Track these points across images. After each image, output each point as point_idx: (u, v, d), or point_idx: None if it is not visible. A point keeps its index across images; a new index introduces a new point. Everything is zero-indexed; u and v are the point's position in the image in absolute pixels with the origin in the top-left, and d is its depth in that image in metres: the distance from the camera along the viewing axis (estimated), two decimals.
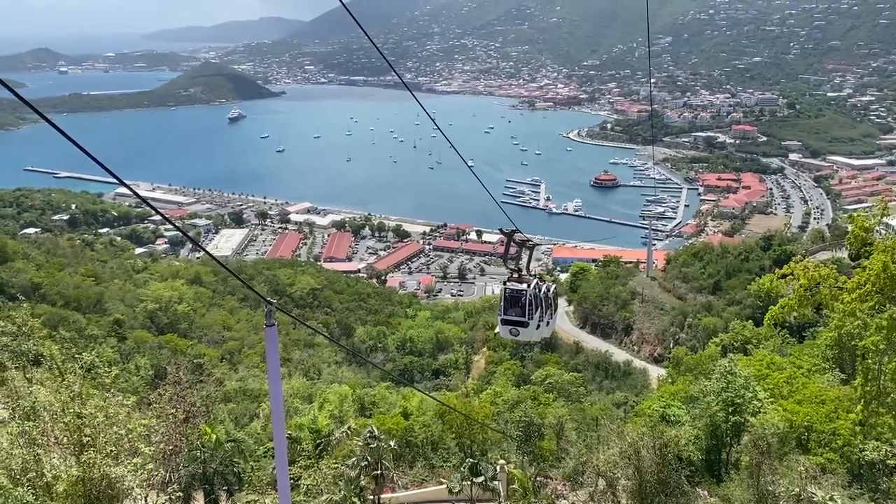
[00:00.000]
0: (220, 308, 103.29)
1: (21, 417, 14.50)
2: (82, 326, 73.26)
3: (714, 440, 32.15)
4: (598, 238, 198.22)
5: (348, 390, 54.35)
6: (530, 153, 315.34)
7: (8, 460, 13.64)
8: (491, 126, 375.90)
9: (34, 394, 14.87)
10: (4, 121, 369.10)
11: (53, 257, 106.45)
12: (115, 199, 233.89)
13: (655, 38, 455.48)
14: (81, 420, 14.33)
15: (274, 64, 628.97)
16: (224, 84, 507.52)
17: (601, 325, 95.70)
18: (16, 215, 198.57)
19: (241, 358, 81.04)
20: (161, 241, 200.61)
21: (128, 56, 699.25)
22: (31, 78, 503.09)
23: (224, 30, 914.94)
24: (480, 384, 70.08)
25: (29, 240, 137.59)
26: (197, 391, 26.78)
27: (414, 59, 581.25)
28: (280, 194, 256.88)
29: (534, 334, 25.11)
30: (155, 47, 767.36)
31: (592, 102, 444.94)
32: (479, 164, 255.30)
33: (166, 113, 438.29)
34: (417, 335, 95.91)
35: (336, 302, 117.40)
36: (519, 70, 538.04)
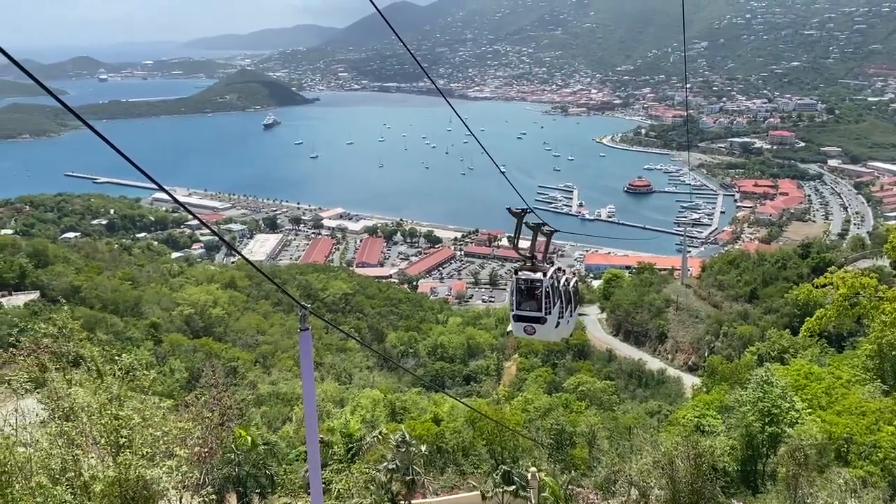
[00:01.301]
0: (254, 312, 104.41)
1: (60, 418, 14.80)
2: (120, 329, 74.69)
3: (750, 451, 31.55)
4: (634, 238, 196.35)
5: (380, 395, 54.51)
6: (563, 159, 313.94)
7: (48, 460, 13.92)
8: (523, 132, 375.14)
9: (73, 395, 15.14)
10: (47, 127, 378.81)
11: (92, 261, 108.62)
12: (153, 204, 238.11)
13: (691, 43, 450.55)
14: (119, 422, 14.57)
15: (308, 71, 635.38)
16: (259, 91, 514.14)
17: (635, 333, 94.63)
18: (57, 220, 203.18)
19: (275, 361, 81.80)
20: (197, 245, 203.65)
21: (166, 64, 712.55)
22: (73, 85, 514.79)
23: (260, 37, 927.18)
24: (511, 391, 69.67)
25: (69, 244, 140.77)
26: (231, 394, 27.06)
27: (446, 65, 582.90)
28: (313, 200, 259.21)
29: (552, 332, 22.37)
30: (192, 55, 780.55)
31: (626, 108, 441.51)
32: (511, 170, 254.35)
33: (203, 119, 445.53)
34: (448, 341, 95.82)
35: (368, 307, 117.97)
36: (552, 75, 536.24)
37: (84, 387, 15.50)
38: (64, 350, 17.16)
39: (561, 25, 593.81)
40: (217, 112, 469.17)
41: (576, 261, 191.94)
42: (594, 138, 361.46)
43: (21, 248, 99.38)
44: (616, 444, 39.11)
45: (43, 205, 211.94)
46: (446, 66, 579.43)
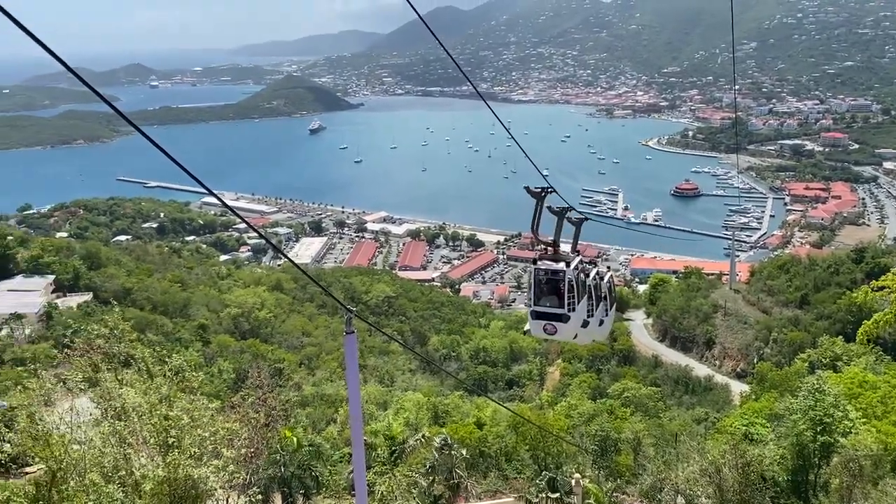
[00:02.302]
0: (300, 314, 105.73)
1: (112, 417, 15.17)
2: (169, 330, 76.38)
3: (801, 461, 30.68)
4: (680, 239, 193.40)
5: (422, 398, 54.61)
6: (608, 162, 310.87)
7: (100, 458, 14.30)
8: (567, 135, 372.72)
9: (124, 395, 15.51)
10: (100, 133, 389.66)
11: (143, 263, 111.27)
12: (202, 207, 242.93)
13: (739, 44, 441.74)
14: (168, 422, 14.88)
15: (353, 76, 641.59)
16: (305, 96, 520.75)
17: (681, 339, 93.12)
18: (109, 223, 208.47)
19: (319, 363, 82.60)
20: (244, 248, 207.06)
21: (214, 70, 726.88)
22: (125, 92, 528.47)
23: (306, 44, 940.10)
24: (555, 396, 69.12)
25: (120, 246, 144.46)
26: (277, 395, 27.43)
27: (490, 68, 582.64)
28: (357, 204, 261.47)
29: (579, 333, 19.63)
30: (240, 61, 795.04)
31: (673, 110, 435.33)
32: (554, 174, 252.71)
33: (250, 125, 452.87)
34: (491, 345, 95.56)
35: (410, 310, 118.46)
36: (597, 78, 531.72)
37: (135, 387, 15.89)
38: (116, 351, 17.59)
39: (606, 27, 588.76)
40: (264, 117, 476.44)
41: (621, 265, 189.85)
42: (640, 141, 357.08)
43: (75, 251, 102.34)
44: (662, 452, 38.49)
45: (96, 208, 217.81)
46: (489, 70, 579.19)
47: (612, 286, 22.66)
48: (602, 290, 20.93)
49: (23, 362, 60.49)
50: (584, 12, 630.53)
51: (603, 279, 21.23)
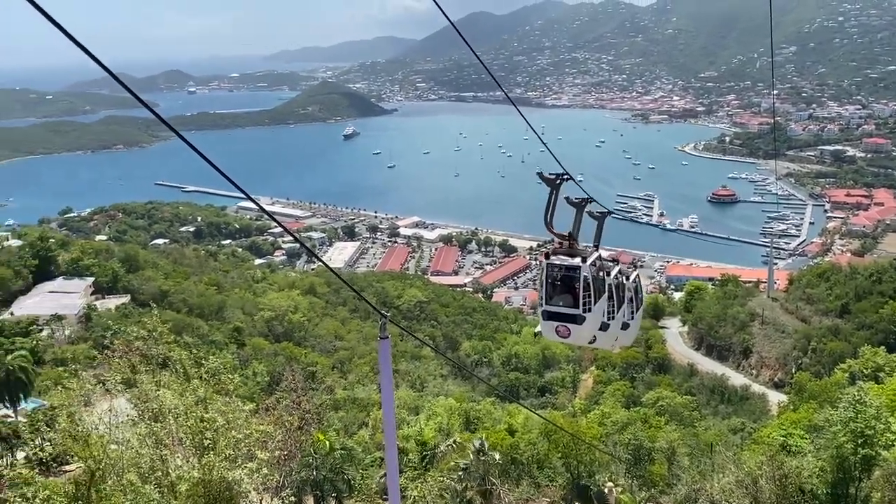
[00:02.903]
0: (333, 318, 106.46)
1: (149, 419, 15.40)
2: (205, 332, 77.45)
3: (841, 473, 29.92)
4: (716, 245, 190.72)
5: (454, 404, 54.57)
6: (643, 167, 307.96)
7: (137, 459, 14.53)
8: (602, 140, 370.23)
9: (161, 397, 15.74)
10: (139, 138, 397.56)
11: (180, 266, 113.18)
12: (238, 212, 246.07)
13: (779, 48, 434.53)
14: (204, 424, 15.05)
15: (387, 82, 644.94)
16: (340, 102, 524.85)
17: (717, 347, 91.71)
18: (147, 227, 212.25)
19: (351, 367, 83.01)
20: (279, 252, 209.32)
21: (251, 76, 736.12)
22: (163, 98, 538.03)
23: (341, 50, 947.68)
24: (588, 404, 68.63)
25: (158, 250, 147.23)
26: (310, 399, 27.62)
27: (524, 73, 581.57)
28: (390, 209, 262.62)
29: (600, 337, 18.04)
30: (276, 68, 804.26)
31: (710, 115, 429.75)
32: (588, 179, 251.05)
33: (285, 130, 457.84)
34: (523, 351, 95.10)
35: (442, 315, 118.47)
36: (632, 83, 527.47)
37: (172, 389, 16.12)
38: (153, 353, 17.86)
39: (641, 32, 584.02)
40: (299, 123, 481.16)
41: (656, 272, 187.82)
42: (676, 146, 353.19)
43: (114, 254, 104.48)
44: (697, 462, 37.98)
45: (134, 212, 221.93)
46: (523, 75, 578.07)
47: (640, 287, 21.05)
48: (626, 291, 19.44)
49: (63, 362, 61.95)
50: (619, 17, 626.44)
51: (628, 279, 19.72)
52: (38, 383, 51.24)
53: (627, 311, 19.62)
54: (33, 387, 49.81)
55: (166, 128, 24.35)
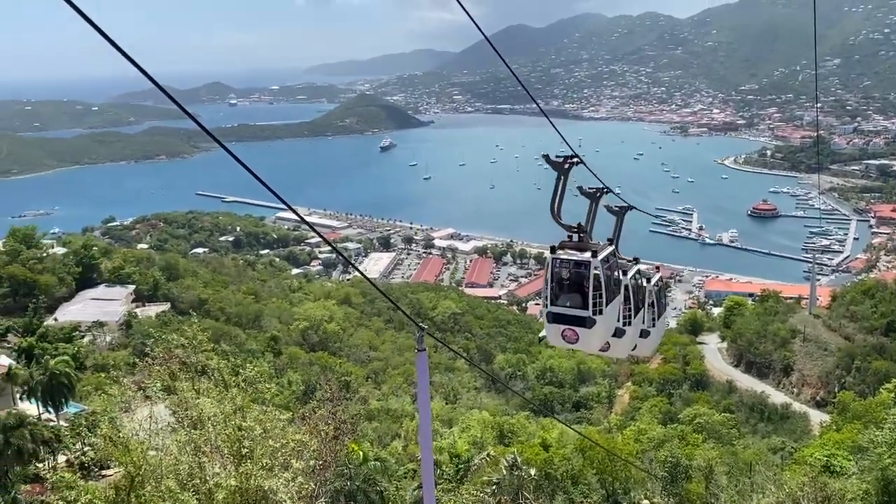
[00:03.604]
0: (367, 328, 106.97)
1: (188, 426, 15.58)
2: (242, 341, 78.37)
3: (886, 497, 29.00)
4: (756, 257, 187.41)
5: (488, 417, 54.33)
6: (682, 180, 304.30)
7: (176, 465, 14.70)
8: (640, 152, 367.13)
9: (201, 405, 15.91)
10: (181, 149, 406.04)
11: (219, 275, 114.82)
12: (276, 222, 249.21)
13: (822, 61, 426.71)
14: (242, 432, 15.18)
15: (424, 94, 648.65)
16: (377, 114, 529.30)
17: (757, 364, 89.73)
18: (187, 236, 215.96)
19: (385, 378, 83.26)
20: (315, 262, 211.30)
21: (290, 89, 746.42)
22: (205, 109, 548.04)
23: (379, 63, 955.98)
24: (624, 420, 67.75)
25: (198, 259, 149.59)
26: (345, 409, 27.70)
27: (561, 86, 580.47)
28: (425, 220, 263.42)
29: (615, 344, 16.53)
30: (315, 80, 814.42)
31: (751, 128, 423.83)
32: (626, 192, 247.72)
33: (323, 142, 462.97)
34: (558, 365, 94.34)
35: (476, 327, 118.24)
36: (671, 95, 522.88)
37: (210, 397, 16.30)
38: (192, 361, 18.09)
39: (681, 44, 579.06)
40: (337, 135, 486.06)
41: (695, 286, 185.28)
42: (715, 159, 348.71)
43: (155, 262, 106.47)
44: (735, 481, 37.20)
45: (175, 221, 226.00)
46: (560, 87, 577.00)
47: (663, 292, 19.17)
48: (647, 295, 17.65)
49: (103, 368, 63.19)
50: (658, 29, 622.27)
51: (650, 281, 17.84)
52: (79, 388, 52.26)
53: (647, 317, 17.71)
54: (75, 392, 50.80)
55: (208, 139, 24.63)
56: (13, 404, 49.58)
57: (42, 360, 50.64)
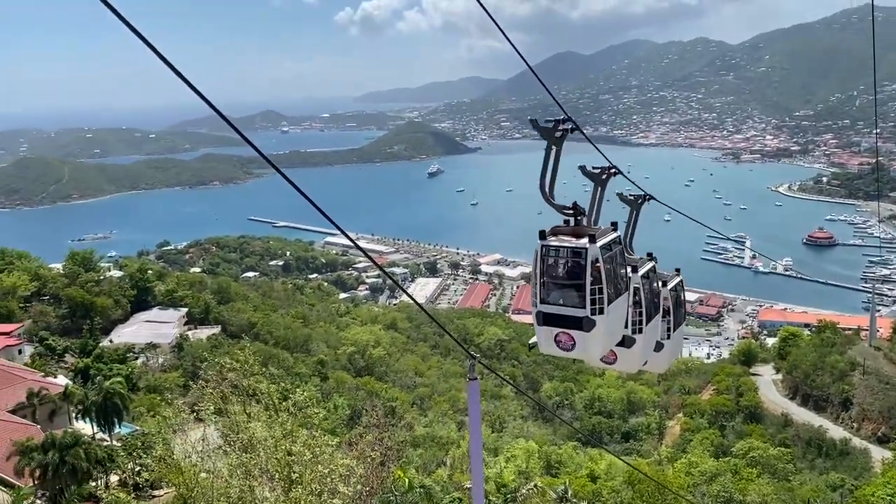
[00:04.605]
0: (413, 354, 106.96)
1: (239, 449, 15.72)
2: (290, 365, 79.12)
3: None
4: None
5: (534, 446, 53.62)
6: (734, 207, 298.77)
7: (227, 489, 14.81)
8: (691, 179, 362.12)
9: (252, 429, 16.05)
10: (234, 175, 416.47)
11: (269, 299, 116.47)
12: (324, 247, 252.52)
13: (881, 85, 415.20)
14: (291, 457, 15.23)
15: (472, 121, 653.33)
16: (425, 141, 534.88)
17: (814, 397, 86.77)
18: (238, 260, 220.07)
19: (431, 404, 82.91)
20: (363, 287, 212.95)
21: (341, 116, 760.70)
22: (259, 137, 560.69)
23: (428, 90, 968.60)
24: (674, 452, 66.05)
25: (248, 283, 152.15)
26: (391, 435, 27.64)
27: (610, 112, 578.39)
28: (472, 246, 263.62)
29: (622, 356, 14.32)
30: (365, 108, 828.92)
31: (805, 154, 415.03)
32: (676, 219, 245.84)
33: (372, 168, 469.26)
34: (607, 395, 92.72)
35: (523, 354, 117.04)
36: (722, 121, 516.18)
37: (261, 421, 16.44)
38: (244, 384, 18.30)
39: (733, 70, 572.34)
40: (386, 161, 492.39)
41: (748, 316, 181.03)
42: (769, 186, 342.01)
43: (207, 286, 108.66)
44: None
45: (228, 245, 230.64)
46: (609, 113, 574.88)
47: (682, 298, 16.28)
48: (663, 300, 15.18)
49: (155, 389, 64.48)
50: (709, 55, 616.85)
51: (666, 285, 15.39)
52: (131, 409, 53.32)
53: (662, 326, 15.22)
54: (128, 412, 51.84)
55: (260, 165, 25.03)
56: (69, 423, 50.82)
57: (97, 381, 51.89)
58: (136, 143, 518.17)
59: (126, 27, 5.45)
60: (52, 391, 51.65)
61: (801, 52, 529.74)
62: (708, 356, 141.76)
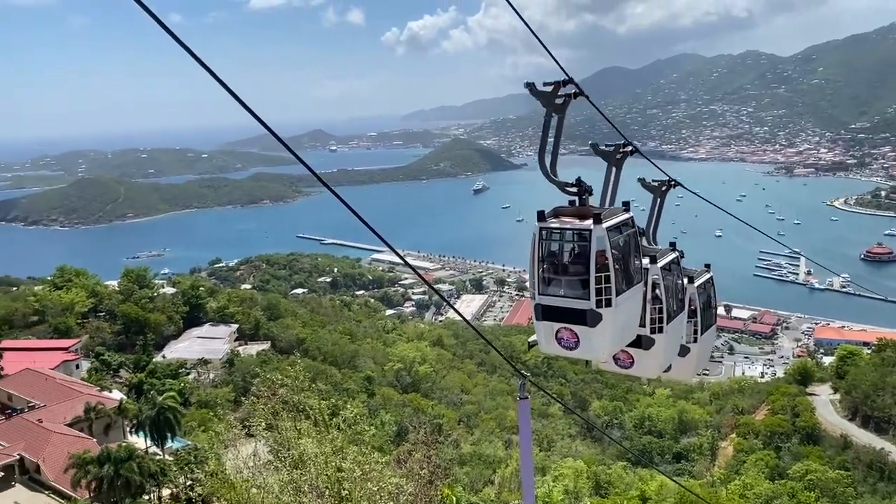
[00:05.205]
0: (460, 371, 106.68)
1: (290, 465, 15.82)
2: (338, 381, 79.69)
3: None
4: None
5: (583, 466, 52.83)
6: (788, 223, 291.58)
7: None
8: (743, 194, 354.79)
9: (303, 445, 16.14)
10: (284, 194, 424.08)
11: (317, 315, 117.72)
12: (371, 264, 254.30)
13: None
14: (341, 474, 15.25)
15: (517, 137, 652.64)
16: (471, 158, 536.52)
17: (875, 419, 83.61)
18: (288, 277, 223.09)
19: (478, 422, 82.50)
20: (409, 303, 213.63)
21: (387, 135, 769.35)
22: (307, 156, 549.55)
23: (473, 108, 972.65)
24: (728, 473, 64.39)
25: (297, 299, 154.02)
26: (439, 452, 27.52)
27: (658, 126, 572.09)
28: (518, 262, 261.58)
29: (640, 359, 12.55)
30: (411, 126, 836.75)
31: (862, 168, 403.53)
32: (728, 235, 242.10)
33: (418, 185, 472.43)
34: (657, 414, 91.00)
35: (571, 373, 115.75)
36: (775, 135, 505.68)
37: (311, 437, 16.52)
38: (294, 400, 18.46)
39: (785, 83, 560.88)
40: (431, 179, 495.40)
41: (803, 334, 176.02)
42: (824, 201, 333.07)
43: (257, 302, 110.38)
44: None
45: (277, 263, 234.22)
46: (658, 128, 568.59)
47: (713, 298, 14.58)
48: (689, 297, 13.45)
49: (206, 404, 65.56)
50: (760, 68, 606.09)
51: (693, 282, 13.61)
52: (183, 423, 54.22)
53: (689, 327, 13.52)
54: (180, 427, 52.75)
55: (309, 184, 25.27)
56: (123, 437, 51.99)
57: (150, 396, 53.00)
58: (188, 163, 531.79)
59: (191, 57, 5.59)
60: (107, 405, 53.03)
61: (856, 62, 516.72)
62: (762, 375, 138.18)
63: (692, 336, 13.67)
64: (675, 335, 12.82)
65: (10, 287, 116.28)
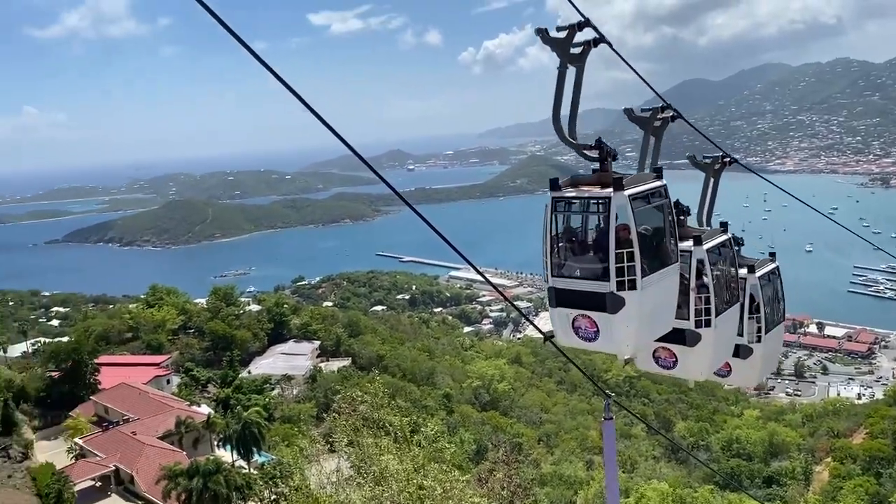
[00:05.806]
0: (539, 389, 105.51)
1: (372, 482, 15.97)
2: (417, 398, 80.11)
3: None
4: None
5: (668, 488, 51.24)
6: (885, 236, 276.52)
7: None
8: (834, 206, 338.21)
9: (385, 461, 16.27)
10: (363, 213, 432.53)
11: (396, 332, 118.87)
12: (448, 281, 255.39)
13: None
14: (423, 491, 15.27)
15: None
16: (548, 174, 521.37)
17: None
18: (367, 294, 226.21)
19: (558, 441, 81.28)
20: (486, 321, 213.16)
21: (464, 153, 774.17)
22: (386, 175, 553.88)
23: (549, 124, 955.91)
24: (823, 500, 61.17)
25: (377, 316, 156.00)
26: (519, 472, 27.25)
27: (742, 138, 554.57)
28: None
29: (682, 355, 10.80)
30: (487, 144, 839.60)
31: None
32: (819, 249, 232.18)
33: (495, 203, 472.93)
34: (746, 436, 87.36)
35: (654, 392, 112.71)
36: (868, 144, 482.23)
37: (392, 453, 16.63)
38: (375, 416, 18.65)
39: (878, 90, 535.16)
40: (508, 196, 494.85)
41: None
42: None
43: (338, 319, 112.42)
44: None
45: (357, 280, 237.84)
46: (742, 140, 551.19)
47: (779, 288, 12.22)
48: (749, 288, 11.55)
49: (290, 420, 67.02)
50: (850, 76, 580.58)
51: (754, 272, 11.63)
52: (268, 438, 55.53)
53: (751, 324, 11.59)
54: (265, 441, 54.05)
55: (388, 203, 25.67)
56: (211, 451, 53.66)
57: (236, 411, 54.57)
58: (273, 185, 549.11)
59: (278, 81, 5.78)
60: (196, 420, 54.88)
61: None
62: (859, 396, 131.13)
63: (755, 335, 11.66)
64: (728, 331, 11.05)
65: (107, 305, 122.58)
